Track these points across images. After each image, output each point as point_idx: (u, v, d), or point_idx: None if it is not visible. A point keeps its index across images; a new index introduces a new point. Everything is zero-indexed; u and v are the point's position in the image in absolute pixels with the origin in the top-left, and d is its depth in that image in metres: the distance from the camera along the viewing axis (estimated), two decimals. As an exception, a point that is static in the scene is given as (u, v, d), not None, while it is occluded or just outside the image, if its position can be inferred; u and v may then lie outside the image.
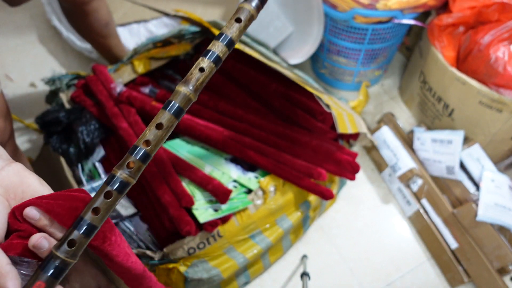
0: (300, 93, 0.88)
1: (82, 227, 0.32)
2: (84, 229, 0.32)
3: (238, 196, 0.74)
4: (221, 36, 0.37)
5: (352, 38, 1.00)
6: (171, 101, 0.35)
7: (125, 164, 0.34)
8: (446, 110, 0.96)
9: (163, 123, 0.35)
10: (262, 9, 0.41)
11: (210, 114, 0.85)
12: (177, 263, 0.70)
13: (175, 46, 0.98)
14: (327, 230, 0.93)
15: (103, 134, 0.88)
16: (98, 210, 0.33)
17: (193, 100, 0.37)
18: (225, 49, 0.37)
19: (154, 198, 0.74)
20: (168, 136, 0.37)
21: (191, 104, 0.38)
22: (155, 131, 0.35)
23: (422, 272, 0.88)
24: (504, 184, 0.85)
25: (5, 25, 1.34)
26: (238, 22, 0.38)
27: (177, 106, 0.35)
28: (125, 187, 0.34)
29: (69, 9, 0.85)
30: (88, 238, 0.33)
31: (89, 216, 0.32)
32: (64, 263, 0.33)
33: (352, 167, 0.75)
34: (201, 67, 0.36)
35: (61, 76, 0.93)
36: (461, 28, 0.91)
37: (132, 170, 0.34)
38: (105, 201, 0.33)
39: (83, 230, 0.32)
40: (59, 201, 0.34)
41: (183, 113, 0.36)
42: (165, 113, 0.35)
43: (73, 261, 0.33)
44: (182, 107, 0.36)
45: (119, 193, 0.33)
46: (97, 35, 0.93)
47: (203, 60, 0.37)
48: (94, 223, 0.32)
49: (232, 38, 0.38)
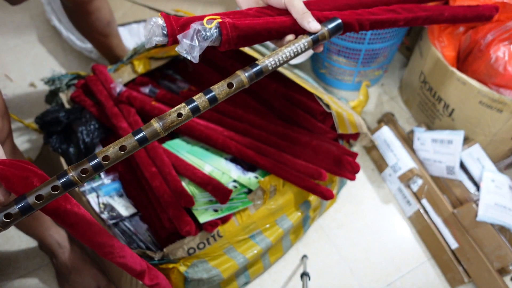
0: (300, 93, 0.88)
1: (20, 205, 0.36)
2: (22, 207, 0.36)
3: (238, 196, 0.74)
4: (209, 93, 0.42)
5: (352, 38, 1.00)
6: (141, 131, 0.40)
7: (80, 168, 0.38)
8: (446, 110, 0.96)
9: (127, 147, 0.39)
10: (255, 80, 0.45)
11: (210, 114, 0.85)
12: (177, 263, 0.70)
13: (175, 46, 0.98)
14: (327, 230, 0.93)
15: (103, 134, 0.87)
16: (41, 197, 0.37)
17: (161, 136, 0.41)
18: (207, 104, 0.42)
19: (154, 198, 0.74)
20: (168, 136, 0.39)
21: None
22: (117, 151, 0.38)
23: (422, 272, 0.88)
24: (505, 184, 0.85)
25: (5, 25, 1.34)
26: (229, 87, 0.43)
27: (143, 135, 0.39)
28: (71, 186, 0.38)
29: (71, 8, 0.85)
30: (23, 216, 0.37)
31: (31, 199, 0.37)
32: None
33: (352, 167, 0.75)
34: (179, 113, 0.41)
35: (61, 76, 0.93)
36: (461, 28, 0.91)
37: (84, 175, 0.38)
38: (51, 192, 0.37)
39: (20, 207, 0.36)
40: (11, 169, 0.38)
41: (147, 143, 0.40)
42: (132, 138, 0.39)
43: (2, 230, 0.37)
44: (148, 138, 0.40)
45: (64, 189, 0.38)
46: (98, 34, 0.93)
47: (184, 108, 0.41)
48: (33, 206, 0.37)
49: (217, 97, 0.43)
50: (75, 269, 0.80)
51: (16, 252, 0.89)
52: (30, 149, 1.04)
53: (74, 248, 0.81)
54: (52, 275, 0.85)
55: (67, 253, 0.80)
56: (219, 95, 0.43)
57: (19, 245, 0.89)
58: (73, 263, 0.80)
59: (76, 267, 0.80)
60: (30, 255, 0.88)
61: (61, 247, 0.80)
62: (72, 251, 0.81)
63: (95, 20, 0.87)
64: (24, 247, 0.89)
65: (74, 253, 0.81)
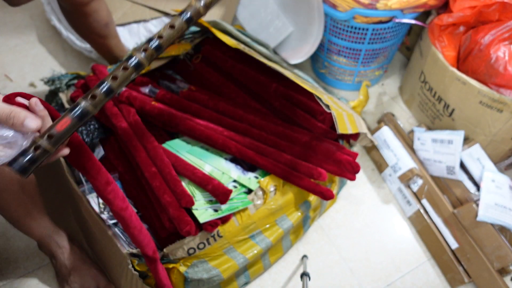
0: (300, 93, 0.88)
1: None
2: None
3: (238, 196, 0.74)
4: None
5: (352, 38, 1.00)
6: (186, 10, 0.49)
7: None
8: (447, 110, 0.96)
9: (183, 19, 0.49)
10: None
11: (210, 114, 0.85)
12: (177, 264, 0.70)
13: (175, 46, 0.98)
14: (327, 230, 0.93)
15: (102, 134, 0.87)
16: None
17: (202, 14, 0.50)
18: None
19: (154, 198, 0.74)
20: (168, 136, 0.40)
21: (192, 104, 0.44)
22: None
23: (423, 272, 0.88)
24: (505, 184, 0.85)
25: (5, 25, 1.34)
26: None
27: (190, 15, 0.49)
28: (140, 67, 0.45)
29: (69, 10, 0.85)
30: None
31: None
32: (85, 110, 0.45)
33: (352, 167, 0.75)
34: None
35: (61, 76, 0.93)
36: (461, 28, 0.91)
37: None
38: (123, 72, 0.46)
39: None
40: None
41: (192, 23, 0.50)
42: (179, 18, 0.49)
43: (92, 112, 0.45)
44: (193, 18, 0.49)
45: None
46: (96, 35, 0.92)
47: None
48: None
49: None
50: (74, 269, 0.80)
51: (16, 252, 0.89)
52: (30, 149, 1.04)
53: (74, 248, 0.81)
54: (52, 275, 0.85)
55: (66, 254, 0.80)
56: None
57: (19, 245, 0.89)
58: (72, 263, 0.80)
59: (75, 267, 0.80)
60: (30, 255, 0.88)
61: (60, 247, 0.80)
62: (72, 252, 0.81)
63: (92, 21, 0.87)
64: (24, 247, 0.89)
65: (74, 253, 0.81)
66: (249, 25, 1.11)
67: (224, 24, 0.96)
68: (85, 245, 0.87)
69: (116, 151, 0.85)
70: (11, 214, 0.72)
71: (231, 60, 0.96)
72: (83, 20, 0.86)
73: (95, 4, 0.84)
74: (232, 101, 0.90)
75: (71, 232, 0.84)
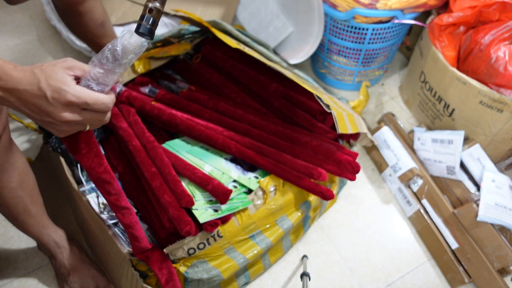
0: (300, 93, 0.88)
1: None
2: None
3: (238, 196, 0.74)
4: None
5: (352, 38, 1.00)
6: None
7: None
8: (447, 110, 0.96)
9: None
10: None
11: (210, 114, 0.85)
12: (177, 264, 0.70)
13: (175, 46, 0.98)
14: (327, 230, 0.93)
15: (102, 134, 0.87)
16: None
17: None
18: None
19: (154, 198, 0.74)
20: (168, 136, 0.39)
21: (192, 104, 0.43)
22: None
23: (423, 272, 0.88)
24: (505, 184, 0.85)
25: (5, 25, 1.34)
26: None
27: None
28: None
29: (63, 9, 0.84)
30: None
31: None
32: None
33: (352, 167, 0.75)
34: None
35: (61, 76, 0.93)
36: (461, 28, 0.91)
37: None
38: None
39: None
40: None
41: None
42: None
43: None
44: None
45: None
46: (92, 35, 0.92)
47: None
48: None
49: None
50: (73, 269, 0.80)
51: (16, 252, 0.88)
52: (29, 149, 1.04)
53: (73, 248, 0.81)
54: (52, 275, 0.85)
55: (66, 253, 0.80)
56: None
57: (19, 245, 0.89)
58: (71, 263, 0.80)
59: (74, 267, 0.80)
60: (29, 255, 0.88)
61: (59, 247, 0.80)
62: (71, 251, 0.81)
63: (88, 21, 0.86)
64: (24, 247, 0.89)
65: (73, 253, 0.81)
66: (249, 25, 1.11)
67: (224, 24, 0.96)
68: (85, 245, 0.87)
69: (116, 151, 0.85)
70: (9, 211, 0.71)
71: (231, 60, 0.96)
72: (78, 20, 0.86)
73: (90, 3, 0.83)
74: (232, 101, 0.90)
75: (70, 232, 0.84)
